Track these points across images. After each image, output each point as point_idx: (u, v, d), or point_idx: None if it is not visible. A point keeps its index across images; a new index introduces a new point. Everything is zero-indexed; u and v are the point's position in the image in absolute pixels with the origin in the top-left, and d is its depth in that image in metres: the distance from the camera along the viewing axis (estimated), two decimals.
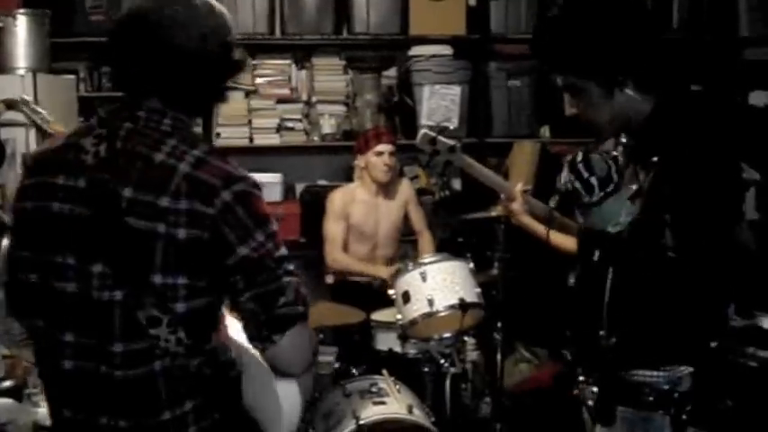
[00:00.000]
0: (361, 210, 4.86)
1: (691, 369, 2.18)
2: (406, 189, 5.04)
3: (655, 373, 2.16)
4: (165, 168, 1.82)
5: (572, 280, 2.47)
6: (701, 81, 5.67)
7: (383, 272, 4.62)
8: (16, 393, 3.19)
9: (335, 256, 4.83)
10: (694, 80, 5.65)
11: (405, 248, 5.29)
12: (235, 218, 1.82)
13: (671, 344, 2.17)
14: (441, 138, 3.46)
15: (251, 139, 5.65)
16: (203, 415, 1.91)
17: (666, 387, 2.16)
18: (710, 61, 5.72)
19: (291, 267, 1.88)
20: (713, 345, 2.27)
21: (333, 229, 4.84)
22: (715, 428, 2.22)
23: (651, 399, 2.15)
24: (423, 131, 3.57)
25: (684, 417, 2.14)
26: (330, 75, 5.75)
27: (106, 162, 1.85)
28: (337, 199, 4.89)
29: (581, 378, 2.34)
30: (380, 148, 4.74)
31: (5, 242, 3.14)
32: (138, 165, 1.83)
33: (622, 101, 2.17)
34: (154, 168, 1.82)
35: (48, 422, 2.90)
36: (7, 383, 3.20)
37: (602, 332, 2.21)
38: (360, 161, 4.85)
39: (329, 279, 5.01)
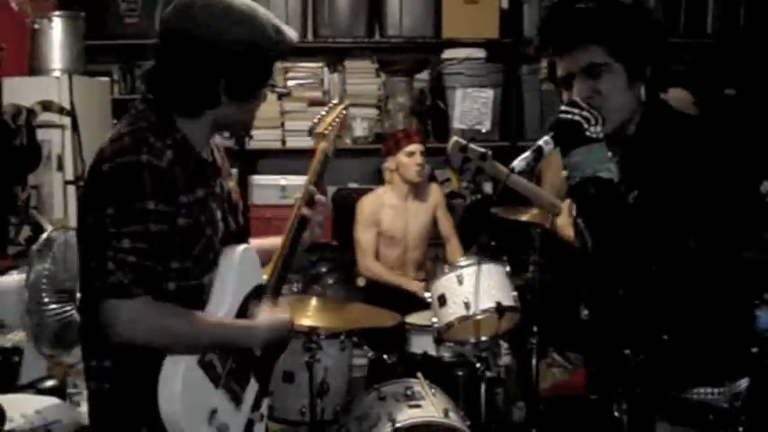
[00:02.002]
0: (391, 214, 4.85)
1: (746, 382, 2.12)
2: (435, 194, 5.02)
3: (716, 390, 2.09)
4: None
5: (585, 312, 2.40)
6: (735, 86, 5.65)
7: (414, 286, 4.64)
8: (58, 392, 3.21)
9: (368, 264, 4.83)
10: (728, 84, 5.66)
11: (435, 252, 5.28)
12: (98, 189, 1.99)
13: (720, 356, 2.11)
14: (472, 145, 3.45)
15: (283, 142, 5.66)
16: (104, 377, 2.09)
17: (726, 405, 2.09)
18: (744, 66, 5.68)
19: (126, 245, 1.93)
20: (754, 350, 2.24)
21: (363, 236, 4.84)
22: None
23: (712, 417, 2.09)
24: (453, 139, 3.56)
25: (742, 429, 2.09)
26: (362, 78, 5.75)
27: None
28: (366, 206, 4.88)
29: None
30: (411, 148, 4.73)
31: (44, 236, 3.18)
32: None
33: (638, 95, 2.10)
34: None
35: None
36: (50, 383, 3.22)
37: (626, 351, 2.12)
38: (390, 163, 4.83)
39: (361, 282, 5.00)
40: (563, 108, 2.00)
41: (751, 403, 2.13)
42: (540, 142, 1.98)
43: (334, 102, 2.66)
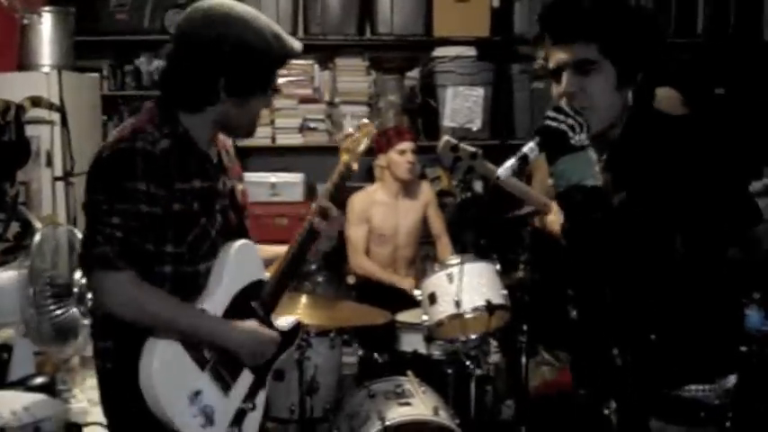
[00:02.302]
0: (381, 212, 4.84)
1: (735, 378, 2.13)
2: (426, 192, 5.02)
3: (706, 387, 2.10)
4: None
5: (573, 313, 2.42)
6: (725, 85, 5.67)
7: (406, 283, 4.64)
8: (48, 389, 3.20)
9: (359, 261, 4.83)
10: (718, 84, 5.67)
11: (426, 250, 5.28)
12: (95, 172, 2.14)
13: (710, 353, 2.12)
14: (462, 145, 3.44)
15: (273, 139, 5.65)
16: (107, 357, 2.23)
17: (717, 402, 2.11)
18: (734, 66, 5.69)
19: (115, 221, 2.07)
20: (743, 349, 2.25)
21: (354, 234, 4.83)
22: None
23: (703, 414, 2.10)
24: (444, 138, 3.56)
25: (728, 425, 2.10)
26: (353, 75, 5.74)
27: None
28: (356, 203, 4.87)
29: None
30: (403, 146, 4.72)
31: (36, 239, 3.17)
32: None
33: (625, 100, 2.10)
34: None
35: (78, 418, 2.92)
36: (39, 380, 3.21)
37: (614, 351, 2.14)
38: (381, 160, 4.83)
39: (351, 280, 4.99)
40: (548, 114, 2.00)
41: (739, 399, 2.14)
42: (525, 149, 1.98)
43: (365, 121, 2.77)
